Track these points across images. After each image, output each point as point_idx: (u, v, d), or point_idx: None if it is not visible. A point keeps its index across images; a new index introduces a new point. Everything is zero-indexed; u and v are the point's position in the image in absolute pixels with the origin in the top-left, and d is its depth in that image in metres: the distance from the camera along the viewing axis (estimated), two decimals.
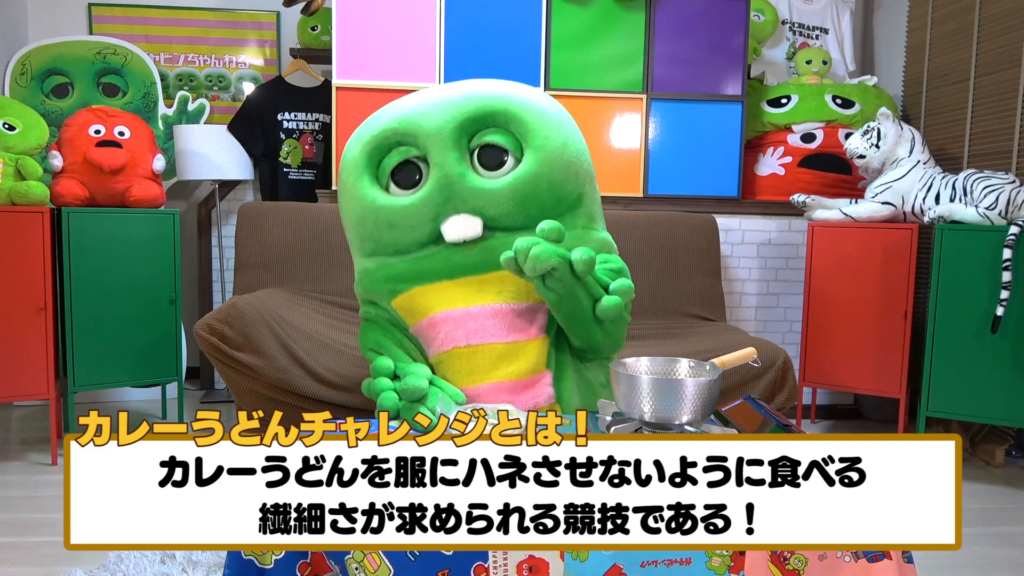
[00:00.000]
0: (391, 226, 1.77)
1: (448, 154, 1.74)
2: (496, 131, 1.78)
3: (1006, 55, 2.98)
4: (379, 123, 1.81)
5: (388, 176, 1.80)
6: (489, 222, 1.76)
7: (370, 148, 1.80)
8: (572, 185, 1.80)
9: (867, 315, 3.02)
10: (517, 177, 1.74)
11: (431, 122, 1.75)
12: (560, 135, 1.79)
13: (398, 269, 1.79)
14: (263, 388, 2.27)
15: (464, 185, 1.73)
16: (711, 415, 1.44)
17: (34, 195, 2.65)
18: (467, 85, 1.84)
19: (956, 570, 2.07)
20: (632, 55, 3.26)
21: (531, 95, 1.83)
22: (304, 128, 3.61)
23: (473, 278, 1.75)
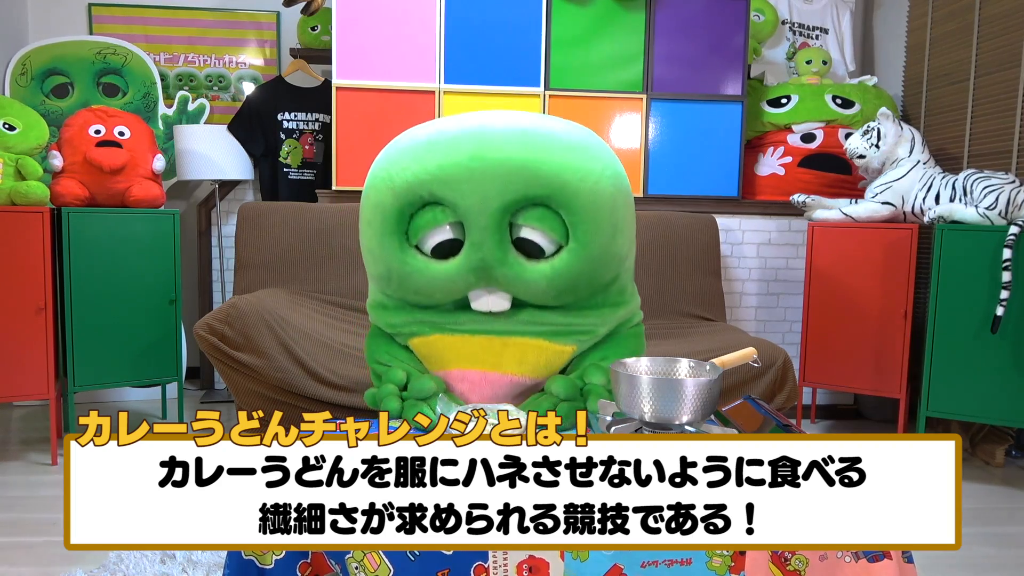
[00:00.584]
0: (418, 292, 1.67)
1: (488, 237, 1.59)
2: (544, 212, 1.59)
3: (1006, 55, 2.98)
4: (413, 173, 1.60)
5: (419, 235, 1.64)
6: (520, 301, 1.68)
7: (402, 203, 1.61)
8: (611, 273, 1.69)
9: (867, 315, 3.02)
10: (556, 272, 1.61)
11: (474, 195, 1.56)
12: (610, 226, 1.63)
13: (417, 316, 1.72)
14: (263, 388, 2.27)
15: (500, 271, 1.62)
16: (711, 415, 1.44)
17: (34, 195, 2.65)
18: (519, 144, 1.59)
19: (956, 570, 2.06)
20: (632, 55, 3.26)
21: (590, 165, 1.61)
22: (304, 128, 3.61)
23: (496, 338, 1.69)
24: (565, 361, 1.71)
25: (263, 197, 3.67)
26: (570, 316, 1.68)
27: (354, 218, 2.95)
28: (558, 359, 1.70)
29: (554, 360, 1.70)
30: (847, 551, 1.20)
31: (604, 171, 1.61)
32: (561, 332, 1.69)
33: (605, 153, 1.67)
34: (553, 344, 1.68)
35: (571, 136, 1.64)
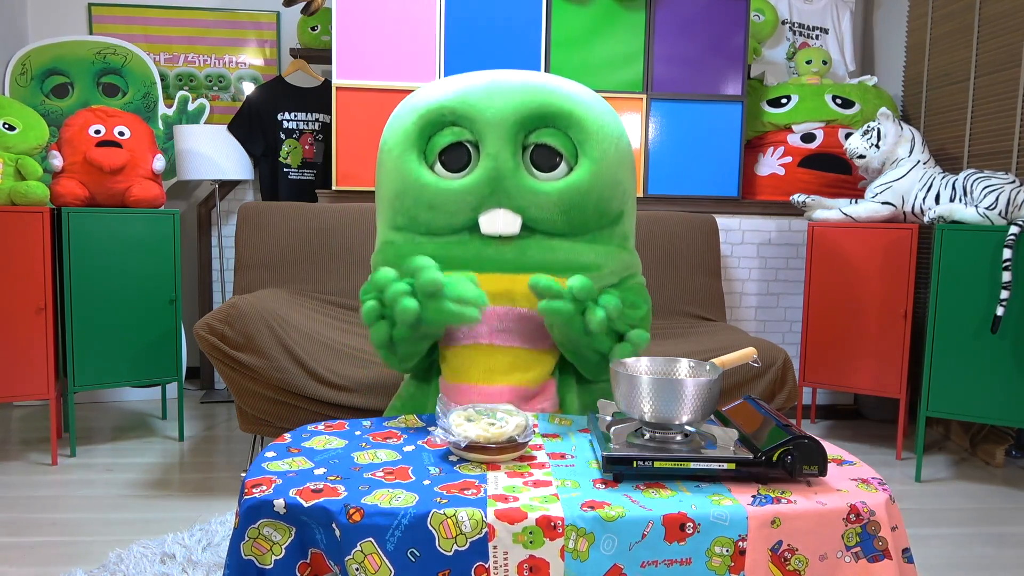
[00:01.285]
0: (430, 207, 1.71)
1: (503, 147, 1.68)
2: (555, 132, 1.72)
3: (1006, 55, 2.98)
4: (436, 97, 1.73)
5: (436, 155, 1.73)
6: (529, 223, 1.72)
7: (423, 122, 1.72)
8: (618, 202, 1.76)
9: (867, 315, 3.02)
10: (568, 184, 1.70)
11: (492, 110, 1.69)
12: (617, 151, 1.74)
13: (426, 249, 1.74)
14: (263, 388, 2.27)
15: (513, 182, 1.69)
16: (711, 415, 1.44)
17: (34, 195, 2.65)
18: (533, 76, 1.76)
19: (956, 570, 2.07)
20: (632, 55, 3.26)
21: (596, 102, 1.77)
22: (304, 128, 3.61)
23: (502, 276, 1.72)
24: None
25: (263, 197, 3.67)
26: (578, 245, 1.73)
27: (354, 218, 2.96)
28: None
29: None
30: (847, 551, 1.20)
31: (609, 112, 1.77)
32: (569, 266, 1.72)
33: (610, 107, 1.82)
34: (562, 280, 1.69)
35: (580, 87, 1.80)
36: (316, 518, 1.17)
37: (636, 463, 1.28)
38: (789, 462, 1.26)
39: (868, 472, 1.36)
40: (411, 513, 1.14)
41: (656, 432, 1.38)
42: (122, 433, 3.12)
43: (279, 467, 1.33)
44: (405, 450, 1.45)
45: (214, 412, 3.46)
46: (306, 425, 1.63)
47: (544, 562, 1.14)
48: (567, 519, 1.14)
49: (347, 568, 1.14)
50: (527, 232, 1.73)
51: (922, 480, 2.77)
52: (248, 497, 1.20)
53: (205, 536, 2.09)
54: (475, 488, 1.24)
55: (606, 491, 1.24)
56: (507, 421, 1.41)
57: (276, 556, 1.18)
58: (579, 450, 1.47)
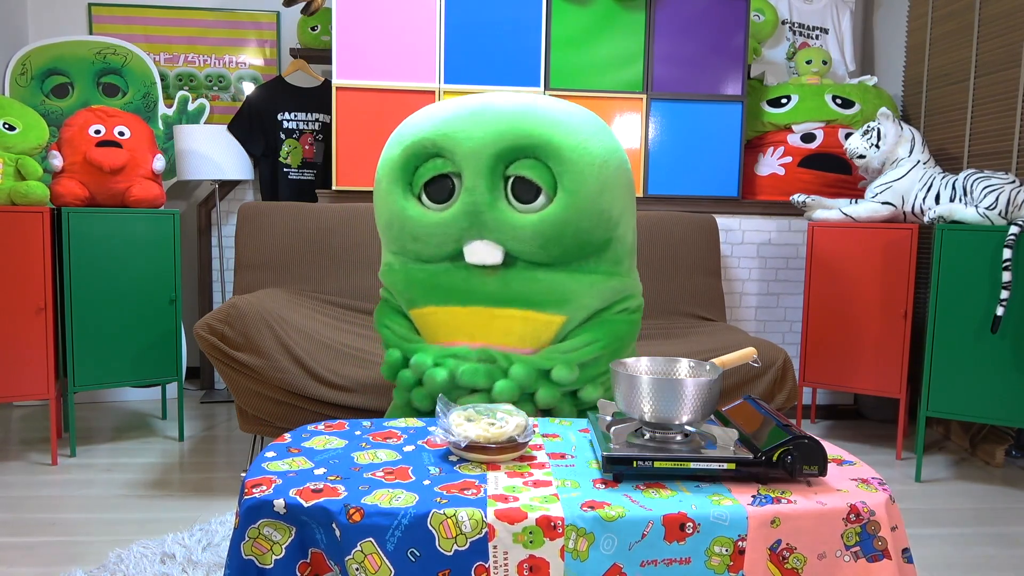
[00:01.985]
0: (415, 239, 1.79)
1: (480, 181, 1.72)
2: (534, 163, 1.73)
3: (1006, 55, 2.98)
4: (420, 129, 1.79)
5: (421, 186, 1.81)
6: (511, 253, 1.77)
7: (407, 154, 1.79)
8: (601, 232, 1.76)
9: (867, 315, 3.02)
10: (543, 219, 1.72)
11: (470, 142, 1.72)
12: (597, 181, 1.72)
13: (417, 277, 1.83)
14: (263, 388, 2.27)
15: (491, 215, 1.73)
16: (711, 415, 1.44)
17: (34, 195, 2.65)
18: (520, 102, 1.77)
19: (956, 570, 2.07)
20: (632, 55, 3.26)
21: (582, 128, 1.75)
22: (304, 128, 3.61)
23: (484, 310, 1.77)
24: (554, 333, 1.76)
25: (263, 197, 3.67)
26: (560, 276, 1.76)
27: (354, 218, 2.96)
28: (546, 330, 1.76)
29: (542, 331, 1.76)
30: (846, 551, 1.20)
31: (594, 135, 1.74)
32: (549, 299, 1.75)
33: (599, 125, 1.79)
34: (541, 314, 1.75)
35: (566, 108, 1.79)
36: (316, 518, 1.17)
37: (636, 463, 1.28)
38: (789, 462, 1.26)
39: (868, 472, 1.36)
40: (411, 513, 1.14)
41: (656, 432, 1.38)
42: (122, 433, 3.12)
43: (279, 467, 1.33)
44: (405, 450, 1.45)
45: (214, 412, 3.46)
46: (306, 425, 1.63)
47: (544, 562, 1.14)
48: (567, 519, 1.15)
49: (347, 568, 1.14)
50: (510, 261, 1.78)
51: (922, 480, 2.77)
52: (248, 497, 1.20)
53: (205, 536, 2.09)
54: (475, 488, 1.24)
55: (606, 491, 1.25)
56: (507, 421, 1.41)
57: (276, 556, 1.18)
58: (579, 450, 1.47)
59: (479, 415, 1.44)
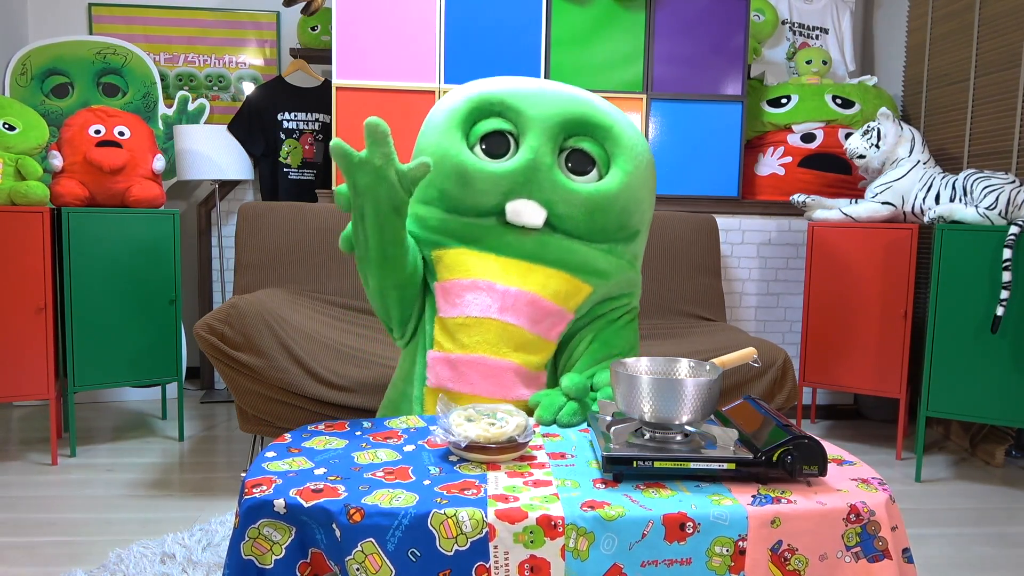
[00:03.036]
0: (464, 183, 1.77)
1: (544, 142, 1.78)
2: (591, 141, 1.82)
3: (1006, 55, 2.98)
4: (488, 89, 1.84)
5: (478, 139, 1.82)
6: (552, 219, 1.80)
7: (472, 105, 1.81)
8: (637, 219, 1.85)
9: (867, 315, 3.02)
10: (598, 188, 1.78)
11: (538, 108, 1.79)
12: (644, 174, 1.84)
13: (449, 225, 1.80)
14: (263, 388, 2.27)
15: (548, 175, 1.77)
16: (711, 415, 1.44)
17: (34, 195, 2.65)
18: (577, 90, 1.88)
19: (956, 570, 2.07)
20: (632, 55, 3.26)
21: (631, 125, 1.87)
22: (304, 128, 3.61)
23: (521, 263, 1.78)
24: (582, 298, 1.80)
25: (263, 197, 3.67)
26: (594, 251, 1.81)
27: None
28: (577, 293, 1.79)
29: (572, 293, 1.79)
30: (847, 551, 1.20)
31: (640, 136, 1.87)
32: (582, 267, 1.79)
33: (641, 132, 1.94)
34: (575, 279, 1.79)
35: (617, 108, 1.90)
36: (316, 518, 1.17)
37: (636, 463, 1.28)
38: (789, 462, 1.26)
39: (868, 472, 1.36)
40: (411, 513, 1.14)
41: (656, 432, 1.38)
42: (122, 433, 3.12)
43: (279, 467, 1.33)
44: (405, 450, 1.45)
45: (214, 412, 3.46)
46: (306, 425, 1.63)
47: (545, 562, 1.14)
48: (567, 519, 1.15)
49: (348, 568, 1.14)
50: (549, 229, 1.81)
51: (922, 480, 2.77)
52: (248, 497, 1.20)
53: (205, 536, 2.09)
54: (475, 488, 1.24)
55: (606, 491, 1.25)
56: (507, 421, 1.41)
57: (276, 556, 1.18)
58: (579, 450, 1.47)
59: (479, 415, 1.44)
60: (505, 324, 1.72)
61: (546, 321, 1.76)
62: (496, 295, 1.73)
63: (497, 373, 1.70)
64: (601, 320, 1.85)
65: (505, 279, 1.75)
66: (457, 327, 1.74)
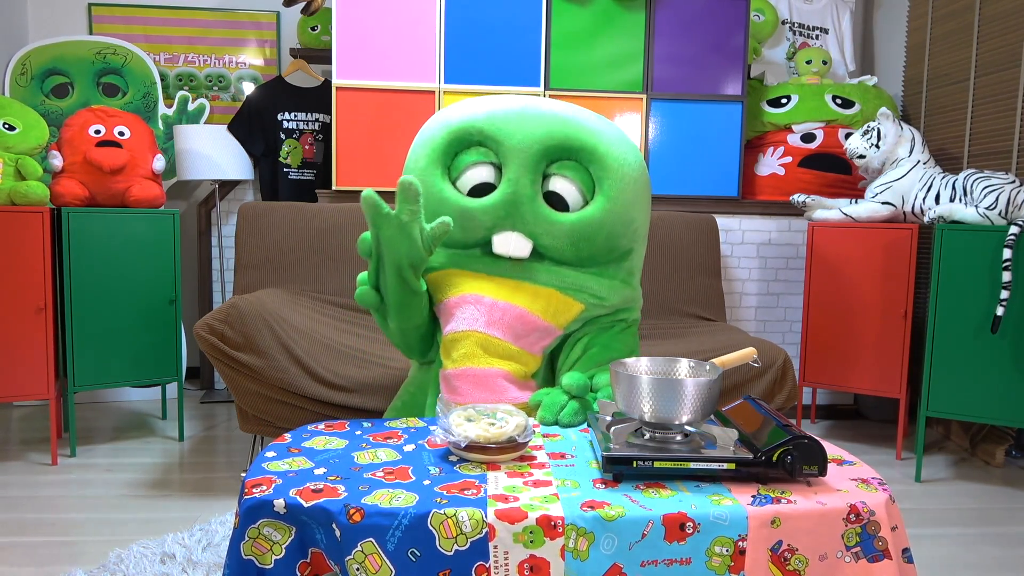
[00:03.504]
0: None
1: (524, 174, 1.76)
2: (575, 166, 1.79)
3: (1006, 55, 2.98)
4: (469, 115, 1.81)
5: (460, 171, 1.81)
6: (539, 248, 1.80)
7: (451, 137, 1.80)
8: (627, 240, 1.83)
9: (867, 315, 3.02)
10: (581, 218, 1.76)
11: (518, 136, 1.76)
12: (632, 192, 1.80)
13: (439, 257, 1.83)
14: (263, 388, 2.27)
15: (530, 208, 1.76)
16: (711, 415, 1.44)
17: (34, 195, 2.65)
18: (562, 107, 1.84)
19: (957, 570, 2.07)
20: (632, 55, 3.26)
21: (620, 140, 1.83)
22: (304, 128, 3.61)
23: (510, 280, 1.79)
24: (574, 315, 1.79)
25: (263, 197, 3.67)
26: (583, 276, 1.80)
27: (355, 218, 2.96)
28: (567, 310, 1.79)
29: (563, 310, 1.79)
30: (847, 551, 1.20)
31: (631, 151, 1.83)
32: (573, 287, 1.79)
33: (632, 143, 1.88)
34: (564, 296, 1.79)
35: (606, 122, 1.86)
36: (316, 518, 1.17)
37: (636, 463, 1.28)
38: (789, 462, 1.26)
39: (868, 472, 1.36)
40: (411, 513, 1.14)
41: (656, 432, 1.38)
42: (122, 433, 3.12)
43: (279, 467, 1.33)
44: (405, 450, 1.45)
45: (214, 412, 3.46)
46: (306, 425, 1.63)
47: (544, 561, 1.14)
48: (567, 519, 1.15)
49: (348, 568, 1.14)
50: (537, 257, 1.82)
51: (922, 480, 2.77)
52: (248, 497, 1.20)
53: (205, 536, 2.09)
54: (475, 488, 1.24)
55: (606, 491, 1.25)
56: (507, 421, 1.41)
57: (276, 556, 1.18)
58: (579, 450, 1.47)
59: (479, 415, 1.44)
60: (489, 337, 1.73)
61: (531, 336, 1.76)
62: (483, 308, 1.75)
63: (485, 380, 1.71)
64: (597, 326, 1.84)
65: (494, 293, 1.76)
66: (448, 343, 1.77)
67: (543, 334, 1.77)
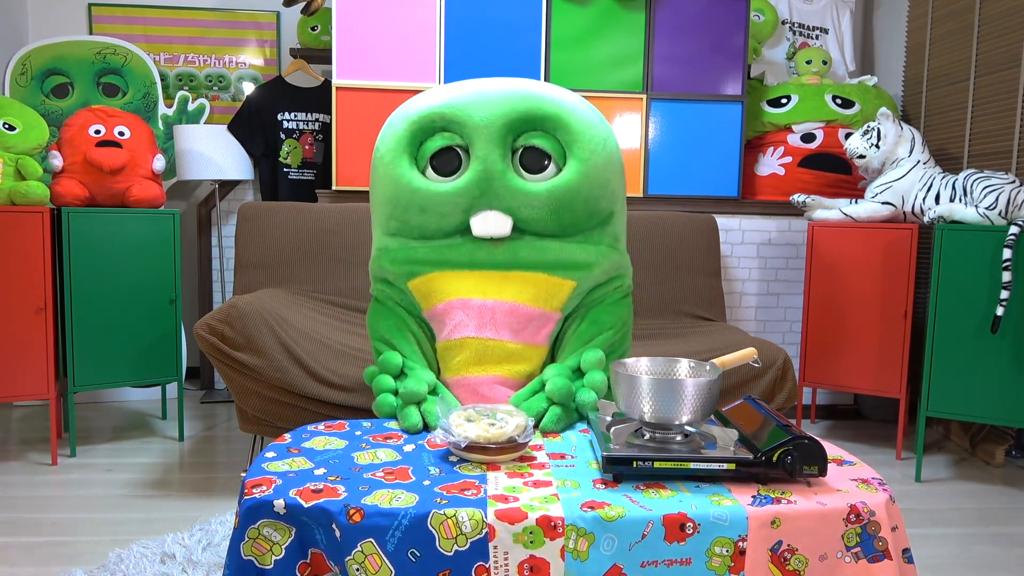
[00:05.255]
0: (422, 210, 1.76)
1: (492, 149, 1.74)
2: (543, 135, 1.77)
3: (1006, 55, 2.98)
4: (427, 104, 1.79)
5: (427, 159, 1.79)
6: (519, 224, 1.77)
7: (414, 128, 1.78)
8: (606, 202, 1.80)
9: (867, 315, 3.02)
10: (556, 184, 1.74)
11: (481, 114, 1.74)
12: (605, 152, 1.78)
13: (419, 253, 1.79)
14: (263, 388, 2.27)
15: (503, 182, 1.74)
16: (711, 415, 1.44)
17: (34, 195, 2.65)
18: (519, 83, 1.82)
19: (957, 570, 2.07)
20: (632, 55, 3.26)
21: (582, 106, 1.82)
22: (304, 128, 3.61)
23: (496, 273, 1.77)
24: (566, 296, 1.77)
25: (263, 197, 3.67)
26: (569, 245, 1.78)
27: (354, 218, 2.96)
28: (558, 292, 1.76)
29: (554, 293, 1.76)
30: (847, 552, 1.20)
31: (595, 115, 1.81)
32: (560, 264, 1.76)
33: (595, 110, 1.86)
34: (552, 277, 1.76)
35: (566, 91, 1.85)
36: (316, 518, 1.17)
37: (636, 463, 1.28)
38: (789, 462, 1.26)
39: (868, 472, 1.36)
40: (411, 513, 1.14)
41: (656, 432, 1.38)
42: (122, 433, 3.12)
43: (279, 467, 1.33)
44: (405, 450, 1.45)
45: (214, 412, 3.46)
46: (306, 425, 1.63)
47: (544, 562, 1.14)
48: (567, 519, 1.15)
49: (347, 568, 1.14)
50: (518, 233, 1.78)
51: (922, 480, 2.77)
52: (248, 497, 1.20)
53: (205, 536, 2.09)
54: (475, 488, 1.24)
55: (606, 491, 1.25)
56: (507, 421, 1.41)
57: (276, 556, 1.18)
58: (579, 450, 1.47)
59: (479, 415, 1.44)
60: (485, 340, 1.72)
61: (530, 327, 1.75)
62: (472, 312, 1.73)
63: (480, 388, 1.71)
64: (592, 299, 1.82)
65: (481, 293, 1.74)
66: (444, 351, 1.77)
67: (541, 322, 1.75)
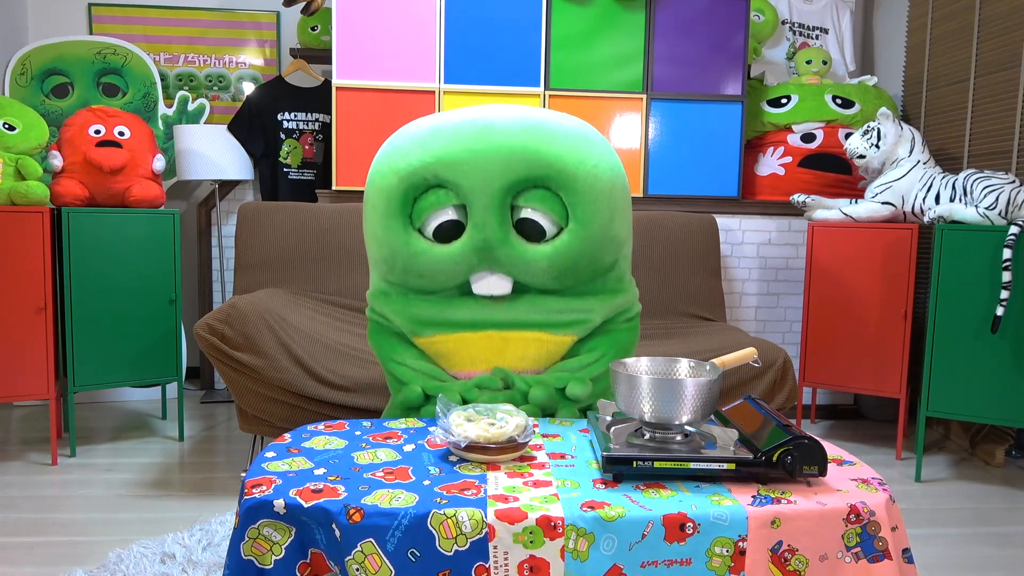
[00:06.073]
0: (420, 275, 1.71)
1: (490, 216, 1.65)
2: (544, 193, 1.67)
3: (1006, 55, 2.98)
4: (418, 157, 1.67)
5: (423, 218, 1.70)
6: (520, 284, 1.74)
7: (406, 185, 1.67)
8: (610, 256, 1.74)
9: (867, 315, 3.02)
10: (557, 251, 1.68)
11: (476, 176, 1.63)
12: (608, 208, 1.69)
13: (420, 309, 1.74)
14: (263, 388, 2.27)
15: (503, 250, 1.68)
16: (711, 415, 1.44)
17: (34, 195, 2.65)
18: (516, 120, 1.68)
19: (956, 570, 2.07)
20: (632, 55, 3.26)
21: (589, 152, 1.68)
22: (304, 128, 3.61)
23: (497, 334, 1.74)
24: (565, 351, 1.77)
25: (263, 197, 3.67)
26: (569, 301, 1.75)
27: (354, 218, 2.96)
28: (558, 350, 1.76)
29: (555, 351, 1.76)
30: (847, 552, 1.20)
31: (601, 157, 1.69)
32: (560, 322, 1.74)
33: (601, 142, 1.74)
34: (553, 336, 1.74)
35: (569, 126, 1.71)
36: (316, 518, 1.17)
37: (636, 463, 1.28)
38: (789, 462, 1.26)
39: (868, 472, 1.36)
40: (411, 513, 1.14)
41: (656, 432, 1.38)
42: (122, 433, 3.12)
43: (279, 467, 1.33)
44: (405, 450, 1.45)
45: (214, 412, 3.46)
46: (306, 425, 1.63)
47: (544, 562, 1.14)
48: (567, 519, 1.15)
49: (347, 568, 1.14)
50: (520, 289, 1.75)
51: (922, 480, 2.77)
52: (248, 497, 1.20)
53: (205, 536, 2.09)
54: (475, 488, 1.24)
55: (606, 491, 1.24)
56: (507, 421, 1.41)
57: (276, 556, 1.18)
58: (579, 450, 1.47)
59: (479, 415, 1.44)
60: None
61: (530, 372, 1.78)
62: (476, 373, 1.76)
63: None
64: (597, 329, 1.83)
65: (484, 362, 1.74)
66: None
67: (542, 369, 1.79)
